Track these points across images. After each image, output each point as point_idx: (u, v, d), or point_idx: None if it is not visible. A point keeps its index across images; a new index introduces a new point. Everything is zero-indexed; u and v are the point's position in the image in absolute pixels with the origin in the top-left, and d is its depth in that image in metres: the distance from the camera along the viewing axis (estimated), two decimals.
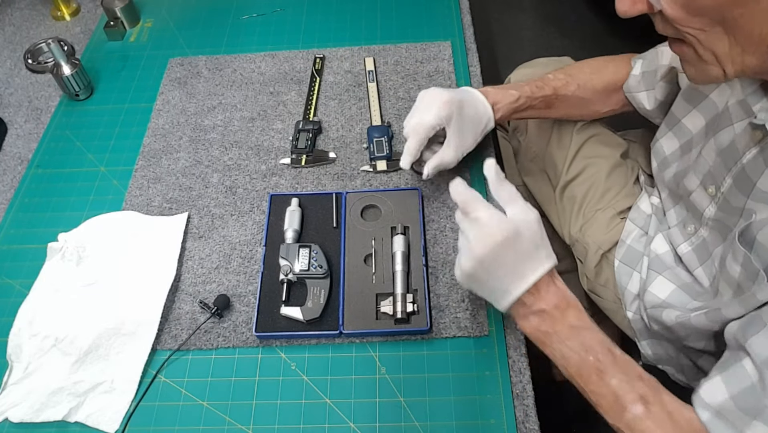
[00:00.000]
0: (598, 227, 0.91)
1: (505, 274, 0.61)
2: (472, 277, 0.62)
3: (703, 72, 0.56)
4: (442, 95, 0.79)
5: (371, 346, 0.74)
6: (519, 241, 0.60)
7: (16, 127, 1.03)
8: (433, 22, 1.12)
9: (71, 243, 0.82)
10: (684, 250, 0.76)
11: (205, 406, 0.71)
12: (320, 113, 0.99)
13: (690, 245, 0.75)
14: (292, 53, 1.09)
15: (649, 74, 0.84)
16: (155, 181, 0.92)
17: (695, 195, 0.72)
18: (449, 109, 0.78)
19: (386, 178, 0.90)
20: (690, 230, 0.74)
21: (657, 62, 0.82)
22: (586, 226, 0.93)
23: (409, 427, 0.68)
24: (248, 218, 0.87)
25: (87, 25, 1.21)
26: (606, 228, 0.91)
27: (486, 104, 0.82)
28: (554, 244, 0.65)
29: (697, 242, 0.73)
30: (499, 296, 0.62)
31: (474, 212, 0.62)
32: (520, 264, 0.61)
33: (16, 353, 0.74)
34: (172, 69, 1.08)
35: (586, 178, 0.94)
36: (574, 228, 0.94)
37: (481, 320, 0.74)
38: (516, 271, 0.61)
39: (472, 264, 0.61)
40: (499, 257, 0.60)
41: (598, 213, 0.92)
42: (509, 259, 0.60)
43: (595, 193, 0.93)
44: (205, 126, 0.99)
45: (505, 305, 0.62)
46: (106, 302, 0.77)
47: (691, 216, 0.74)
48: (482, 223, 0.61)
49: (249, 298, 0.78)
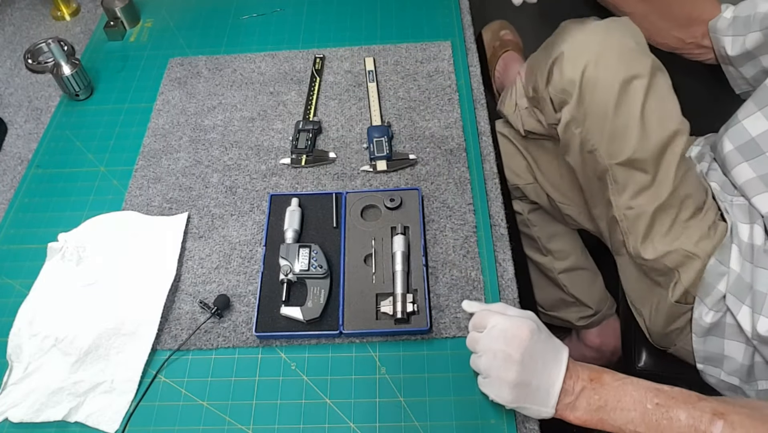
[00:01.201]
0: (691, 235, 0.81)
1: (543, 366, 0.62)
2: (519, 385, 0.61)
3: None
4: None
5: (371, 346, 0.74)
6: (539, 332, 0.63)
7: (16, 127, 1.03)
8: (433, 22, 1.12)
9: (71, 243, 0.82)
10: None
11: (205, 406, 0.71)
12: (320, 113, 0.99)
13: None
14: (292, 53, 1.09)
15: (741, 20, 0.82)
16: (155, 181, 0.92)
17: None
18: None
19: (386, 178, 0.90)
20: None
21: (753, 9, 0.80)
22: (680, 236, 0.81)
23: (409, 427, 0.68)
24: (248, 218, 0.87)
25: (87, 25, 1.21)
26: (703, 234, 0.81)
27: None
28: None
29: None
30: (544, 392, 0.62)
31: (489, 324, 0.63)
32: (550, 353, 0.62)
33: (16, 353, 0.74)
34: (172, 69, 1.08)
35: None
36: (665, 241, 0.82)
37: None
38: (549, 358, 0.62)
39: (516, 369, 0.61)
40: (533, 352, 0.61)
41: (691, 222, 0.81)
42: (539, 351, 0.62)
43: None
44: (205, 126, 0.99)
45: (553, 401, 0.61)
46: (106, 302, 0.77)
47: None
48: (504, 328, 0.62)
49: (249, 298, 0.78)
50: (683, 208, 0.79)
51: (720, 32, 0.85)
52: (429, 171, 0.90)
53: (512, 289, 0.78)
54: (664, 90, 0.77)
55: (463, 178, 0.88)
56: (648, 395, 0.60)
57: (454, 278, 0.78)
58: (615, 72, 0.75)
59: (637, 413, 0.60)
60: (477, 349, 0.65)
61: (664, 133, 0.76)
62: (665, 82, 0.78)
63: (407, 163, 0.90)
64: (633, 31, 0.79)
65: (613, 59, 0.75)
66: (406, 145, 0.93)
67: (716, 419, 0.57)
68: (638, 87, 0.75)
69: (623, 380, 0.62)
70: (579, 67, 0.77)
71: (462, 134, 0.94)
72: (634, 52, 0.76)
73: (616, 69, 0.75)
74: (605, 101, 0.75)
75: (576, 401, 0.62)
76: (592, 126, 0.78)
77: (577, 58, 0.77)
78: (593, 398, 0.62)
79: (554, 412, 0.62)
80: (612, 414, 0.61)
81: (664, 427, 0.59)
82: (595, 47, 0.77)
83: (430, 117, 0.96)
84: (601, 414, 0.61)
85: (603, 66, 0.75)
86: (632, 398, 0.61)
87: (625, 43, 0.76)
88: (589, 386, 0.62)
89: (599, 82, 0.75)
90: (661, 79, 0.77)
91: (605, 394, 0.61)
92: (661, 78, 0.78)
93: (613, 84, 0.75)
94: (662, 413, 0.59)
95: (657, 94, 0.76)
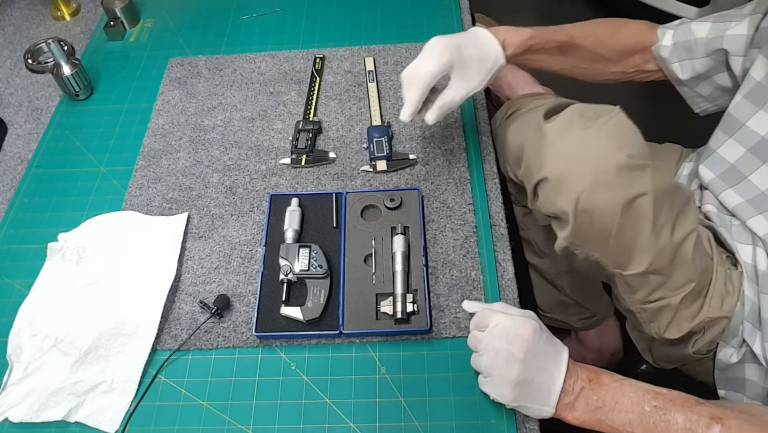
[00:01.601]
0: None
1: (545, 365, 0.62)
2: (521, 384, 0.61)
3: None
4: (441, 41, 0.75)
5: (371, 346, 0.74)
6: (541, 332, 0.63)
7: (16, 127, 1.03)
8: (433, 22, 1.12)
9: (71, 243, 0.82)
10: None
11: (205, 406, 0.71)
12: (320, 113, 0.99)
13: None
14: (292, 53, 1.09)
15: (681, 45, 0.82)
16: (155, 181, 0.92)
17: None
18: (450, 54, 0.74)
19: (386, 178, 0.90)
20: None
21: (690, 35, 0.80)
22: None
23: (409, 427, 0.68)
24: (248, 218, 0.87)
25: (87, 25, 1.21)
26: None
27: (493, 41, 0.77)
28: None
29: None
30: (545, 391, 0.62)
31: (491, 323, 0.64)
32: (551, 352, 0.63)
33: (16, 353, 0.74)
34: (172, 69, 1.08)
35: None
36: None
37: None
38: (550, 357, 0.62)
39: (519, 368, 0.61)
40: (535, 351, 0.62)
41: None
42: (541, 350, 0.62)
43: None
44: (205, 126, 0.99)
45: (554, 400, 0.62)
46: (106, 302, 0.77)
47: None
48: (505, 327, 0.63)
49: (249, 298, 0.78)
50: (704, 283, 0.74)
51: (666, 60, 0.84)
52: (429, 171, 0.90)
53: (512, 289, 0.78)
54: (669, 190, 0.67)
55: (463, 178, 0.88)
56: (646, 397, 0.61)
57: (454, 278, 0.78)
58: (614, 198, 0.64)
59: (635, 414, 0.60)
60: (479, 348, 0.65)
61: (678, 237, 0.68)
62: (668, 181, 0.68)
63: (407, 163, 0.90)
64: (625, 135, 0.68)
65: (609, 184, 0.64)
66: (406, 145, 0.93)
67: (713, 424, 0.57)
68: (643, 205, 0.65)
69: (622, 381, 0.63)
70: (570, 198, 0.66)
71: (462, 134, 0.94)
72: (629, 168, 0.64)
73: (614, 194, 0.64)
74: (607, 227, 0.66)
75: (575, 401, 0.62)
76: (595, 246, 0.70)
77: (565, 187, 0.66)
78: (591, 399, 0.62)
79: (554, 411, 0.62)
80: (609, 415, 0.61)
81: (661, 430, 0.59)
82: (585, 172, 0.65)
83: None
84: (599, 415, 0.61)
85: (599, 193, 0.64)
86: (630, 400, 0.61)
87: (619, 160, 0.64)
88: (587, 387, 0.62)
89: (596, 211, 0.65)
90: (662, 181, 0.66)
91: (603, 395, 0.62)
92: (662, 180, 0.66)
93: (614, 210, 0.65)
94: (660, 416, 0.59)
95: (664, 201, 0.66)
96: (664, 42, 0.83)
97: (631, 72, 0.88)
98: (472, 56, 0.76)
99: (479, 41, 0.77)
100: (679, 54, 0.83)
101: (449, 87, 0.77)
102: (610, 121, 0.67)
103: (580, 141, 0.66)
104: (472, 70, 0.76)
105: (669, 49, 0.83)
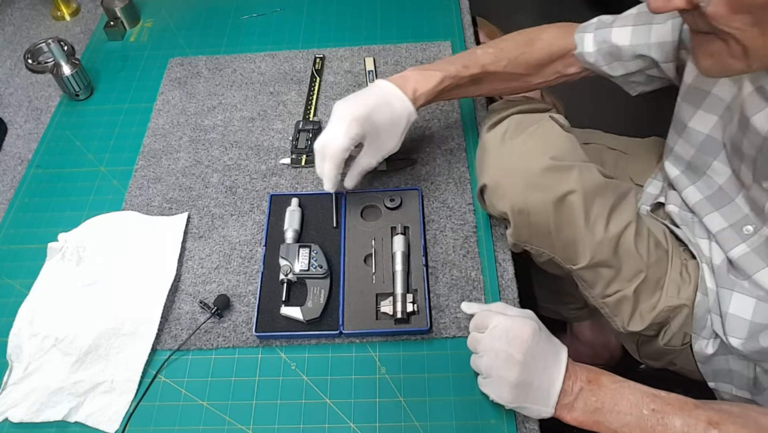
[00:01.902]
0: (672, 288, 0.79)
1: (544, 366, 0.63)
2: (521, 385, 0.62)
3: (723, 66, 0.57)
4: (349, 110, 0.75)
5: (371, 346, 0.74)
6: (540, 332, 0.63)
7: (16, 127, 1.03)
8: (433, 22, 1.12)
9: (71, 243, 0.82)
10: (739, 253, 0.72)
11: (205, 406, 0.71)
12: (320, 113, 0.99)
13: (749, 246, 0.71)
14: (292, 53, 1.09)
15: (606, 50, 0.81)
16: (155, 181, 0.92)
17: (753, 192, 0.69)
18: (359, 125, 0.75)
19: (386, 178, 0.90)
20: (748, 230, 0.71)
21: (612, 44, 0.79)
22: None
23: (409, 427, 0.68)
24: (248, 218, 0.87)
25: (87, 25, 1.21)
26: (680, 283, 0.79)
27: (404, 99, 0.77)
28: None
29: (760, 242, 0.70)
30: (545, 392, 0.62)
31: (491, 324, 0.64)
32: (550, 353, 0.63)
33: (16, 353, 0.74)
34: (172, 69, 1.08)
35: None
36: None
37: None
38: (549, 358, 0.63)
39: (518, 369, 0.61)
40: (535, 352, 0.62)
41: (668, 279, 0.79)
42: (540, 350, 0.63)
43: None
44: (205, 126, 0.99)
45: (553, 400, 0.62)
46: (106, 302, 0.77)
47: (752, 216, 0.71)
48: (505, 328, 0.63)
49: (249, 298, 0.78)
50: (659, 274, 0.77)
51: (594, 65, 0.84)
52: (429, 171, 0.90)
53: (512, 289, 0.78)
54: (599, 188, 0.72)
55: (463, 178, 0.88)
56: (644, 399, 0.61)
57: (454, 278, 0.78)
58: (544, 196, 0.70)
59: (633, 417, 0.61)
60: (478, 349, 0.65)
61: (615, 231, 0.72)
62: (597, 179, 0.72)
63: (407, 163, 0.90)
64: (551, 140, 0.73)
65: (538, 185, 0.70)
66: (406, 146, 0.93)
67: (711, 428, 0.58)
68: (573, 201, 0.70)
69: (621, 383, 0.63)
70: (506, 201, 0.72)
71: (462, 134, 0.94)
72: (555, 169, 0.70)
73: (544, 193, 0.70)
74: (545, 223, 0.71)
75: (574, 402, 0.62)
76: (541, 243, 0.75)
77: (501, 192, 0.72)
78: (590, 400, 0.62)
79: (553, 411, 0.63)
80: (608, 417, 0.61)
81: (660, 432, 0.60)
82: (515, 177, 0.71)
83: (430, 117, 0.96)
84: (597, 416, 0.62)
85: (530, 195, 0.70)
86: (629, 402, 0.61)
87: (544, 162, 0.70)
88: (587, 388, 0.62)
89: (531, 209, 0.70)
90: (590, 180, 0.71)
91: (602, 396, 0.62)
92: (591, 178, 0.72)
93: (546, 207, 0.70)
94: (657, 419, 0.60)
95: (594, 197, 0.71)
96: (586, 49, 0.83)
97: (553, 79, 0.88)
98: (384, 122, 0.77)
99: (389, 101, 0.77)
100: (605, 59, 0.83)
101: (363, 154, 0.79)
102: (537, 130, 0.73)
103: (511, 150, 0.72)
104: (384, 137, 0.78)
105: (593, 56, 0.83)
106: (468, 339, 0.67)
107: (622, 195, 0.75)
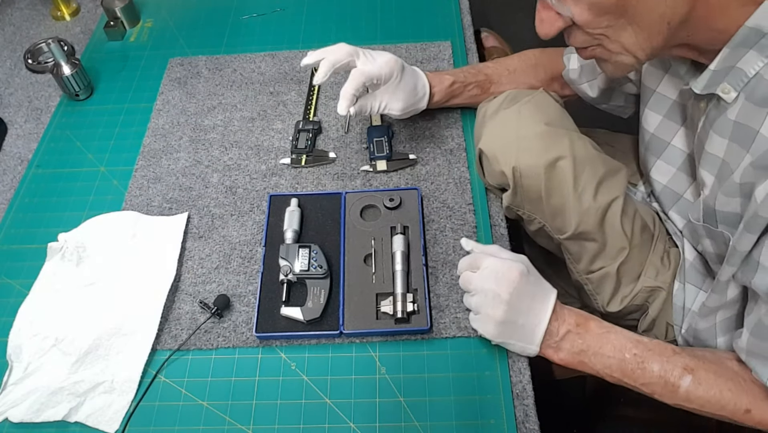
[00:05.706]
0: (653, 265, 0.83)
1: (530, 307, 0.66)
2: (505, 323, 0.66)
3: (617, 64, 0.62)
4: (393, 56, 0.83)
5: (371, 346, 0.74)
6: (529, 275, 0.67)
7: (16, 127, 1.03)
8: (433, 22, 1.12)
9: (71, 243, 0.82)
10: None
11: (205, 406, 0.71)
12: (320, 113, 0.99)
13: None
14: (292, 53, 1.09)
15: (588, 67, 0.87)
16: (155, 181, 0.92)
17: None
18: (392, 67, 0.81)
19: (386, 178, 0.90)
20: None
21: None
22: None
23: (409, 427, 0.68)
24: (248, 218, 0.87)
25: (87, 25, 1.21)
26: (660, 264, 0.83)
27: (426, 85, 0.87)
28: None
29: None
30: (530, 331, 0.66)
31: (483, 265, 0.68)
32: (538, 294, 0.67)
33: (16, 353, 0.74)
34: (172, 69, 1.08)
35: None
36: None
37: None
38: (536, 300, 0.67)
39: (504, 309, 0.65)
40: (521, 293, 0.66)
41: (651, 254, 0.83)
42: (528, 292, 0.66)
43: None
44: (205, 126, 0.99)
45: (538, 339, 0.66)
46: (106, 302, 0.77)
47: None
48: (495, 270, 0.66)
49: (249, 298, 0.78)
50: (642, 257, 0.81)
51: (575, 82, 0.90)
52: (429, 171, 0.90)
53: None
54: (590, 158, 0.75)
55: (463, 178, 0.88)
56: (628, 345, 0.66)
57: (454, 277, 0.78)
58: (536, 160, 0.73)
59: (615, 360, 0.66)
60: (470, 288, 0.69)
61: (602, 202, 0.75)
62: (589, 150, 0.76)
63: (407, 163, 0.90)
64: (544, 109, 0.77)
65: (531, 149, 0.74)
66: (406, 145, 0.93)
67: (686, 374, 0.63)
68: (564, 167, 0.73)
69: (608, 329, 0.68)
70: (501, 164, 0.75)
71: (462, 134, 0.94)
72: (547, 134, 0.74)
73: (536, 157, 0.73)
74: (536, 187, 0.75)
75: (560, 342, 0.67)
76: (533, 208, 0.78)
77: (496, 155, 0.76)
78: (577, 342, 0.67)
79: (538, 350, 0.67)
80: (592, 358, 0.67)
81: (638, 376, 0.65)
82: (509, 141, 0.75)
83: (430, 117, 0.96)
84: (582, 357, 0.67)
85: (522, 158, 0.74)
86: (613, 346, 0.66)
87: (537, 128, 0.74)
88: (574, 330, 0.67)
89: (524, 172, 0.74)
90: (582, 149, 0.75)
91: (589, 339, 0.67)
92: (583, 148, 0.75)
93: (538, 172, 0.73)
94: (637, 363, 0.65)
95: (584, 165, 0.74)
96: (571, 66, 0.90)
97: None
98: (408, 84, 0.84)
99: (420, 79, 0.87)
100: (586, 75, 0.89)
101: (371, 94, 0.83)
102: (531, 100, 0.78)
103: (506, 117, 0.77)
104: (400, 94, 0.84)
105: (577, 72, 0.89)
106: (461, 278, 0.70)
107: (613, 171, 0.78)
